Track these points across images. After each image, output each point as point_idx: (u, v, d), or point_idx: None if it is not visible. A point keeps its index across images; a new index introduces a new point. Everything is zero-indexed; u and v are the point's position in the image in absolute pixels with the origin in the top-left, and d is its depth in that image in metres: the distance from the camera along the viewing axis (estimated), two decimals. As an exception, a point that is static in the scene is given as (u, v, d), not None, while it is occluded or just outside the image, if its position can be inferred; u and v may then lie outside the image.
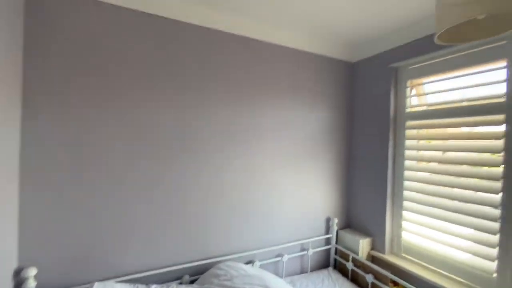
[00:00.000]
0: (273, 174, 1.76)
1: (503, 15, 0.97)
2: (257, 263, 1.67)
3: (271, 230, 1.77)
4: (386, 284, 1.65)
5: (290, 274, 1.84)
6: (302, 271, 1.91)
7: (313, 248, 1.93)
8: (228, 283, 1.28)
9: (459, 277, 1.43)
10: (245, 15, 1.52)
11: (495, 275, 1.29)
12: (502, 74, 1.28)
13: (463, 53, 1.44)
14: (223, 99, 1.58)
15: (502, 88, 1.28)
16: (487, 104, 1.35)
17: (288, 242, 1.82)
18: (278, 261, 1.78)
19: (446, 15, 0.98)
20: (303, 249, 1.90)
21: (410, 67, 1.73)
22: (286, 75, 1.80)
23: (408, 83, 1.75)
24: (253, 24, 1.62)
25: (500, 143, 1.29)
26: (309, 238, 1.92)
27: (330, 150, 2.02)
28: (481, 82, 1.37)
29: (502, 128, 1.28)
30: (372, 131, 1.92)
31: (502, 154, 1.27)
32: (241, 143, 1.64)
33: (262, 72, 1.70)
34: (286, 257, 1.78)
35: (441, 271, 1.51)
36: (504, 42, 1.27)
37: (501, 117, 1.28)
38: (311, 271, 1.92)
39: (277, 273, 1.76)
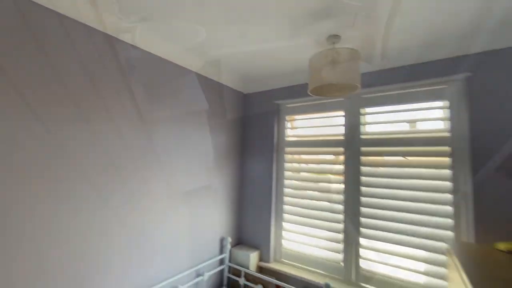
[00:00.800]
0: (164, 201, 1.65)
1: (345, 84, 1.45)
2: (148, 303, 1.48)
3: (165, 262, 1.63)
4: (272, 290, 1.89)
5: (185, 305, 1.75)
6: (197, 298, 1.86)
7: (208, 271, 1.93)
8: None
9: (320, 269, 1.87)
10: (153, 32, 1.45)
11: (342, 263, 1.78)
12: (342, 120, 1.87)
13: (319, 102, 1.98)
14: (112, 118, 1.37)
15: (342, 130, 1.86)
16: (333, 140, 1.90)
17: (183, 271, 1.73)
18: (172, 294, 1.65)
19: (313, 77, 1.35)
20: (198, 275, 1.86)
21: (288, 105, 2.17)
22: (185, 97, 1.79)
23: (287, 117, 2.19)
24: (160, 42, 1.54)
25: (341, 167, 1.84)
26: (203, 262, 1.91)
27: (224, 172, 2.15)
28: (329, 123, 1.94)
29: (342, 157, 1.85)
30: (261, 154, 2.23)
31: (343, 174, 1.83)
32: (129, 169, 1.45)
33: (160, 90, 1.63)
34: (181, 288, 1.68)
35: (309, 268, 1.92)
36: (342, 99, 1.87)
37: (341, 149, 1.85)
38: (206, 295, 1.91)
39: (170, 308, 1.63)
